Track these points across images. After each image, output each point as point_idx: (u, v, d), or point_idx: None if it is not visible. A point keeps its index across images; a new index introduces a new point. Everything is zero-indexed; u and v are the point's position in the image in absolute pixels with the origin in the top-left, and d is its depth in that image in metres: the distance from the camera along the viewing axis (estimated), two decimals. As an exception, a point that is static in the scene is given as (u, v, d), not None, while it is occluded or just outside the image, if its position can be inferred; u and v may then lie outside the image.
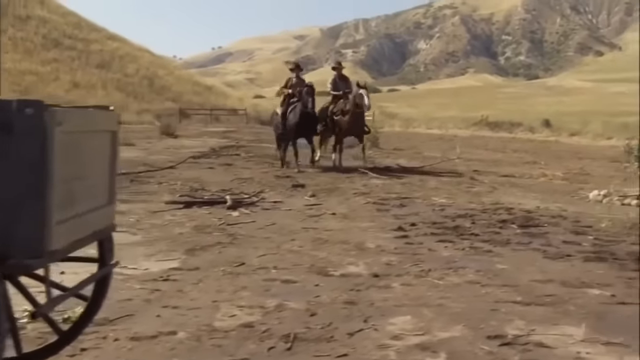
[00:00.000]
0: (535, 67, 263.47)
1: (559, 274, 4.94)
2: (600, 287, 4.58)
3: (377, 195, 9.77)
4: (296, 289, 4.46)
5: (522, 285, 4.64)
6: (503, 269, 5.15)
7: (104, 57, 46.10)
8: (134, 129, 31.21)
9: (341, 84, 14.11)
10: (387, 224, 7.18)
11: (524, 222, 7.37)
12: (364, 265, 5.20)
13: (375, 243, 6.08)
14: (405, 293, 4.42)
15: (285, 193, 9.93)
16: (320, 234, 6.53)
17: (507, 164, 16.58)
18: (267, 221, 7.21)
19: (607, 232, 6.78)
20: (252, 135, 29.79)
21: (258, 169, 13.67)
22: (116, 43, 50.67)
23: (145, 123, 35.42)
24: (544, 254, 5.66)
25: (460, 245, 6.05)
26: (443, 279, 4.79)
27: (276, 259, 5.35)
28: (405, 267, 5.16)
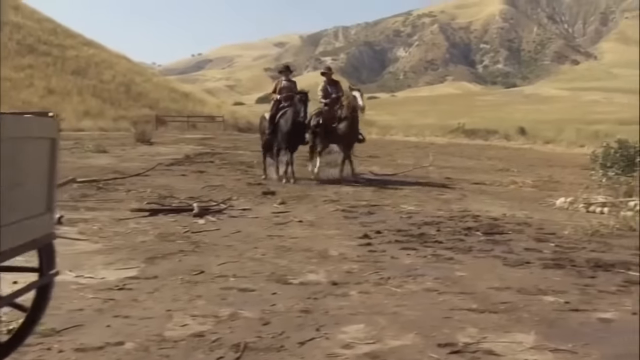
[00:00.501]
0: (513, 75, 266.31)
1: (517, 281, 4.97)
2: (555, 294, 4.61)
3: (347, 203, 9.78)
4: (253, 298, 4.43)
5: (479, 293, 4.66)
6: (462, 276, 5.17)
7: (79, 64, 45.68)
8: (110, 136, 31.03)
9: (332, 89, 13.38)
10: (353, 232, 7.18)
11: (488, 229, 7.43)
12: (325, 273, 5.19)
13: (339, 251, 6.08)
14: (362, 301, 4.42)
15: (254, 200, 9.89)
16: (285, 241, 6.51)
17: (480, 172, 16.70)
18: (232, 229, 7.17)
19: (568, 240, 6.85)
20: (229, 143, 29.68)
21: (231, 177, 13.61)
22: (92, 49, 50.24)
23: (122, 130, 35.14)
24: (504, 261, 5.69)
25: (423, 252, 6.07)
26: (401, 287, 4.80)
27: (237, 267, 5.32)
28: (365, 275, 5.16)
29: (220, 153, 21.62)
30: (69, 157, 16.87)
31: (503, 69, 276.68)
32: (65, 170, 12.28)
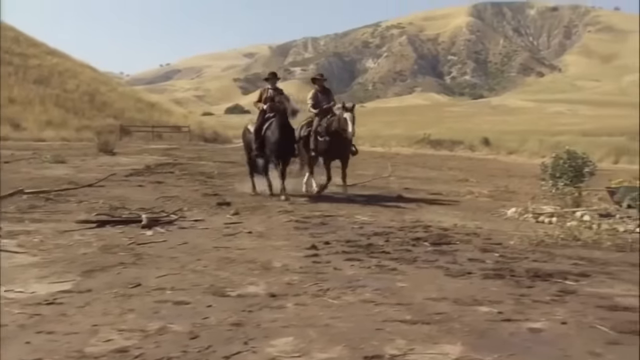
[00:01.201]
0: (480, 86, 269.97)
1: (455, 292, 4.98)
2: (490, 305, 4.63)
3: (301, 214, 9.76)
4: (186, 311, 4.36)
5: (415, 304, 4.66)
6: (402, 287, 5.18)
7: (42, 73, 45.02)
8: (72, 146, 30.63)
9: (323, 98, 12.43)
10: (302, 243, 7.15)
11: (437, 239, 7.45)
12: (264, 285, 5.14)
13: (283, 262, 6.04)
14: (297, 313, 4.38)
15: (208, 211, 9.82)
16: (230, 253, 6.45)
17: (440, 182, 16.85)
18: (179, 240, 7.09)
19: (513, 250, 6.91)
20: (193, 153, 29.53)
21: (188, 187, 13.50)
22: (56, 58, 49.58)
23: (85, 140, 34.69)
24: (446, 272, 5.71)
25: (367, 263, 6.06)
26: (339, 298, 4.78)
27: (176, 280, 5.24)
28: (305, 286, 5.13)
29: (182, 164, 21.45)
30: (25, 168, 16.60)
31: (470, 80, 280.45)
32: (17, 181, 12.09)
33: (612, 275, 5.65)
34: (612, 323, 4.18)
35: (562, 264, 6.15)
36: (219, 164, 21.97)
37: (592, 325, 4.16)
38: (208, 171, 18.12)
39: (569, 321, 4.24)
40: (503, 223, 9.11)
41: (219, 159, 25.07)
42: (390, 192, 13.14)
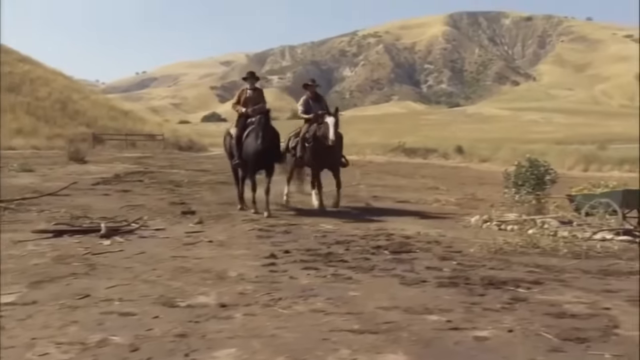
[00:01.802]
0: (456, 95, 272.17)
1: (407, 300, 4.97)
2: (440, 313, 4.62)
3: (265, 222, 9.73)
4: (131, 322, 4.29)
5: (366, 313, 4.63)
6: (354, 296, 5.15)
7: (13, 80, 44.39)
8: (42, 155, 30.19)
9: (315, 106, 11.73)
10: (262, 252, 7.10)
11: (398, 248, 7.46)
12: (216, 295, 5.08)
13: (239, 271, 5.98)
14: (244, 324, 4.33)
15: (172, 220, 9.74)
16: (187, 262, 6.38)
17: (410, 190, 16.90)
18: (137, 250, 7.00)
19: (472, 257, 6.93)
20: (166, 161, 29.30)
21: (155, 196, 13.38)
22: (28, 66, 48.96)
23: (56, 148, 34.22)
24: (402, 280, 5.70)
25: (324, 272, 6.03)
26: (289, 308, 4.73)
27: (126, 290, 5.16)
28: (257, 296, 5.08)
29: (153, 172, 21.25)
30: (-11, 177, 16.30)
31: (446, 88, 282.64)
32: (-22, 191, 11.87)
33: (564, 282, 5.69)
34: (558, 330, 4.19)
35: (517, 271, 6.17)
36: (191, 172, 21.83)
37: (537, 332, 4.16)
38: (178, 179, 17.98)
39: (516, 329, 4.25)
40: (466, 231, 9.15)
41: (191, 167, 24.91)
42: (359, 200, 13.14)
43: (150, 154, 37.48)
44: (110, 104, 55.39)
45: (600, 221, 8.00)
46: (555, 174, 10.04)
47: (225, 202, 12.24)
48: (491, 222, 9.39)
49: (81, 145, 33.94)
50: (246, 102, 11.40)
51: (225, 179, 18.23)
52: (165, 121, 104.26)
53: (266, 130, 10.66)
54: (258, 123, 10.68)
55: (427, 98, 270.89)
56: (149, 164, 26.70)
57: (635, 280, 5.84)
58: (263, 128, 10.63)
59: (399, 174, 24.63)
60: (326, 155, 11.27)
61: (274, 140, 10.93)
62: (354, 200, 13.15)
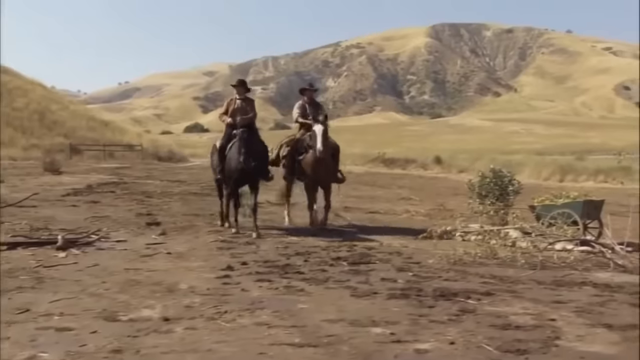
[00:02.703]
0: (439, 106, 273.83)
1: (355, 313, 4.92)
2: (385, 326, 4.57)
3: (230, 233, 9.62)
4: (66, 338, 4.19)
5: (310, 326, 4.57)
6: (302, 308, 5.09)
7: (-10, 90, 43.92)
8: (17, 166, 29.82)
9: (312, 111, 10.42)
10: (219, 263, 7.01)
11: (357, 259, 7.41)
12: (161, 308, 4.99)
13: (191, 284, 5.90)
14: (183, 338, 4.25)
15: (135, 232, 9.61)
16: (139, 275, 6.28)
17: (383, 200, 16.87)
18: (91, 262, 6.89)
19: (429, 269, 6.90)
20: (143, 172, 29.07)
21: (124, 207, 13.22)
22: (5, 76, 48.44)
23: (33, 159, 33.87)
24: (354, 292, 5.65)
25: (277, 284, 5.96)
26: (233, 321, 4.66)
27: (69, 304, 5.05)
28: (203, 309, 5.00)
29: (127, 183, 21.04)
30: (-43, 188, 16.05)
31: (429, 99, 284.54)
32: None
33: (516, 293, 5.67)
34: (500, 342, 4.16)
35: (471, 282, 6.15)
36: (165, 183, 21.68)
37: (479, 345, 4.13)
38: (150, 190, 17.81)
39: (458, 341, 4.21)
40: (429, 242, 9.11)
41: (167, 178, 24.74)
42: (329, 211, 13.07)
43: (129, 164, 37.21)
44: (89, 114, 54.95)
45: (558, 232, 8.01)
46: (518, 184, 10.06)
47: (193, 214, 12.13)
48: (456, 232, 9.38)
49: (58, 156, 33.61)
50: (234, 113, 10.19)
51: (198, 190, 18.15)
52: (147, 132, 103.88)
53: (249, 146, 9.60)
54: (240, 138, 9.59)
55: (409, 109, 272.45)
56: (125, 174, 26.49)
57: (585, 290, 5.84)
58: (246, 143, 9.55)
59: (376, 185, 24.62)
60: (319, 170, 9.91)
61: (259, 155, 9.83)
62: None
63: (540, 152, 59.85)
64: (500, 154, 52.57)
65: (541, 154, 51.37)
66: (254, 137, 9.89)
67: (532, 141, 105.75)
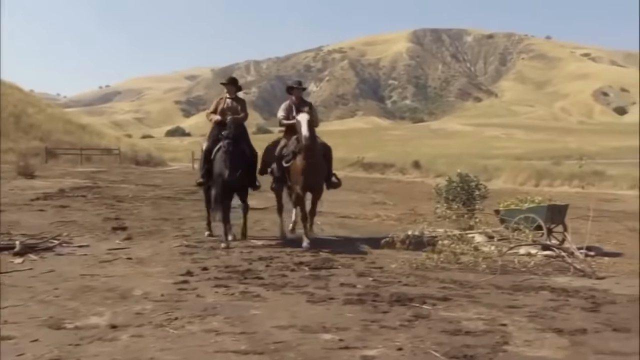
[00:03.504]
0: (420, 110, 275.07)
1: (307, 319, 4.86)
2: (336, 332, 4.52)
3: (197, 238, 9.53)
4: (5, 347, 4.07)
5: (260, 332, 4.50)
6: (255, 314, 5.02)
7: (-35, 94, 43.33)
8: (-10, 169, 29.43)
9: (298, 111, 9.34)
10: (179, 269, 6.91)
11: (320, 264, 7.35)
12: (110, 315, 4.90)
13: (146, 290, 5.80)
14: (127, 346, 4.16)
15: (100, 236, 9.48)
16: (94, 281, 6.17)
17: (357, 205, 16.83)
18: (47, 268, 6.76)
19: (390, 274, 6.86)
20: (119, 176, 28.80)
21: (93, 211, 13.05)
22: (-20, 79, 47.84)
23: (8, 163, 33.40)
24: (310, 298, 5.59)
25: (234, 290, 5.88)
26: (182, 328, 4.58)
27: (15, 312, 4.94)
28: (154, 316, 4.91)
29: (100, 187, 20.83)
30: None
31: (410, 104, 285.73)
32: None
33: (473, 298, 5.64)
34: (448, 348, 4.13)
35: (430, 287, 6.12)
36: (140, 187, 21.49)
37: (426, 351, 4.09)
38: (123, 195, 17.62)
39: (406, 347, 4.17)
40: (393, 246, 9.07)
41: (142, 182, 24.54)
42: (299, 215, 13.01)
43: (105, 168, 36.86)
44: (66, 117, 54.38)
45: (520, 236, 8.02)
46: (485, 189, 10.08)
47: (162, 218, 12.02)
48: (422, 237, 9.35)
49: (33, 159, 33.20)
50: (223, 113, 9.50)
51: (171, 194, 18.00)
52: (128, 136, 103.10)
53: (235, 159, 8.87)
54: (226, 151, 8.85)
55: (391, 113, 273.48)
56: (101, 178, 26.25)
57: (542, 295, 5.84)
58: (231, 157, 8.84)
59: (352, 189, 24.54)
60: (309, 173, 9.01)
61: (246, 166, 9.10)
62: (295, 216, 13.01)
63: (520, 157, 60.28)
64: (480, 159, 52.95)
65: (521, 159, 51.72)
66: (240, 146, 9.07)
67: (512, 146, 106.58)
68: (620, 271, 7.19)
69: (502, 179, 30.84)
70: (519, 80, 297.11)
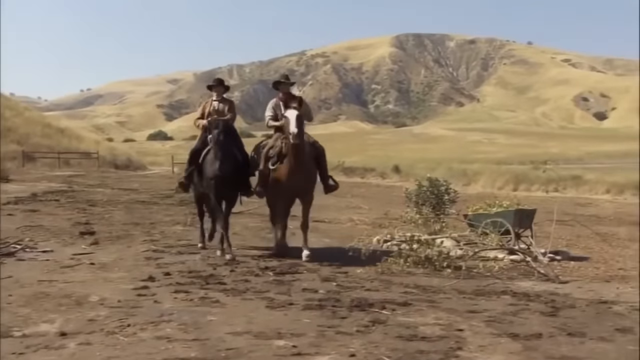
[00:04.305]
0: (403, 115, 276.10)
1: (263, 325, 4.79)
2: (290, 338, 4.45)
3: (166, 242, 9.42)
4: (-53, 355, 3.97)
5: (213, 339, 4.42)
6: (211, 321, 4.94)
7: (-60, 97, 42.74)
8: (-37, 173, 29.00)
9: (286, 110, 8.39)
10: (142, 274, 6.81)
11: (285, 269, 7.29)
12: (62, 322, 4.79)
13: (103, 296, 5.69)
14: (74, 354, 4.07)
15: (66, 241, 9.35)
16: (52, 287, 6.04)
17: (333, 209, 16.77)
18: (5, 274, 6.62)
19: (355, 278, 6.81)
20: (97, 180, 28.55)
21: (64, 216, 12.88)
22: (-44, 81, 47.21)
23: (-16, 167, 32.99)
24: (269, 303, 5.51)
25: (194, 295, 5.79)
26: (133, 335, 4.49)
27: (-36, 319, 4.81)
28: (106, 322, 4.81)
29: (75, 191, 20.61)
30: None
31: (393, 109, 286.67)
32: None
33: (434, 303, 5.61)
34: (402, 354, 4.09)
35: (393, 292, 6.07)
36: (116, 191, 21.32)
37: (379, 357, 4.04)
38: (97, 199, 17.43)
39: (360, 353, 4.12)
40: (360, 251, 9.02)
41: (119, 186, 24.34)
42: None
43: (84, 172, 36.57)
44: (45, 121, 53.84)
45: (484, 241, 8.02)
46: (455, 193, 10.07)
47: (133, 222, 11.88)
48: (392, 241, 9.34)
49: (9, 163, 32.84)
50: (211, 116, 8.89)
51: (146, 199, 17.82)
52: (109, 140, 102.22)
53: (226, 150, 8.26)
54: (216, 141, 8.21)
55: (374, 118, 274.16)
56: (77, 182, 25.99)
57: (503, 300, 5.82)
58: (222, 147, 8.20)
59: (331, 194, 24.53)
60: (297, 177, 8.17)
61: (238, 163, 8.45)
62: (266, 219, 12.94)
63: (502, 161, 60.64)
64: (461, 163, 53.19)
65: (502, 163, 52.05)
66: (231, 140, 8.46)
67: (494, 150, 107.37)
68: (585, 275, 7.20)
69: (480, 183, 30.97)
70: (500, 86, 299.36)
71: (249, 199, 9.63)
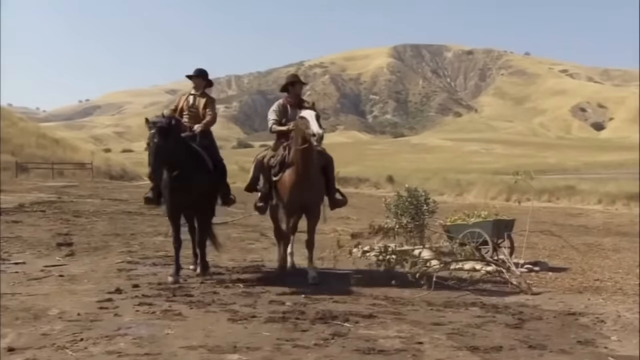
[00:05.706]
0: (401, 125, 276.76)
1: (220, 339, 4.68)
2: (245, 352, 4.35)
3: (143, 254, 9.32)
4: None
5: (165, 354, 4.31)
6: (168, 334, 4.83)
7: None
8: (-43, 184, 28.89)
9: (294, 115, 7.49)
10: (110, 286, 6.69)
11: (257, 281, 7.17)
12: (14, 337, 4.68)
13: (64, 309, 5.58)
14: (17, 369, 3.96)
15: (41, 253, 9.22)
16: (13, 300, 5.93)
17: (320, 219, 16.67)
18: (-30, 287, 6.50)
19: (324, 290, 6.69)
20: (89, 191, 28.49)
21: (45, 227, 12.76)
22: (-49, 92, 47.24)
23: (-24, 177, 32.88)
24: (232, 316, 5.40)
25: (157, 308, 5.68)
26: (84, 350, 4.38)
27: None
28: (60, 337, 4.70)
29: (64, 201, 20.51)
30: None
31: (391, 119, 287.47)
32: None
33: (400, 315, 5.50)
34: (356, 369, 3.97)
35: (360, 304, 5.96)
36: (105, 202, 21.26)
37: (331, 372, 3.93)
38: (83, 209, 17.33)
39: (313, 368, 4.01)
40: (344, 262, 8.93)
41: (109, 197, 24.30)
42: (256, 230, 12.86)
43: (77, 183, 36.47)
44: (40, 131, 53.88)
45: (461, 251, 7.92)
46: (434, 203, 9.96)
47: (114, 233, 11.78)
48: (371, 252, 9.23)
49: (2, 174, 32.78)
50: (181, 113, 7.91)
51: (134, 209, 17.70)
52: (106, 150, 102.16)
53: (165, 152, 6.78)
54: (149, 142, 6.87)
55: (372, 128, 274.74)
56: (68, 193, 25.93)
57: (471, 312, 5.70)
58: (156, 149, 6.76)
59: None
60: (302, 189, 7.22)
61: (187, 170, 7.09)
62: (251, 230, 12.86)
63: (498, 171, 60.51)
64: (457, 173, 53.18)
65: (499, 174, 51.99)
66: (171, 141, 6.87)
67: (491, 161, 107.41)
68: (559, 287, 7.09)
69: (473, 193, 30.87)
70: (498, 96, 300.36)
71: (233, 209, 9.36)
